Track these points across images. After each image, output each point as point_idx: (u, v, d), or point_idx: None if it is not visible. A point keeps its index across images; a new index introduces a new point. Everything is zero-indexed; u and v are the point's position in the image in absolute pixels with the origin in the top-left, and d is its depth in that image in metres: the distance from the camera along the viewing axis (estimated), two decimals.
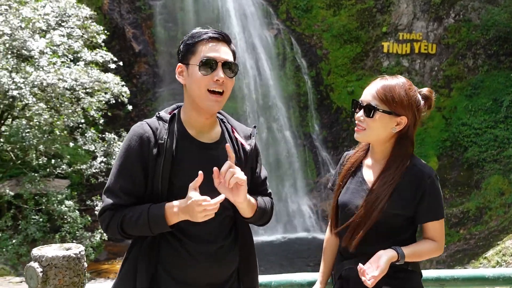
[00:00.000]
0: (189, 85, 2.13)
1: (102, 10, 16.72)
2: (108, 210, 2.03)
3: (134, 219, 1.99)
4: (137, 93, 16.93)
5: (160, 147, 2.06)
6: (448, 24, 18.03)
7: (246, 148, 2.24)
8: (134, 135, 2.09)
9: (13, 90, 8.29)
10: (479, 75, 17.57)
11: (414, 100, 2.31)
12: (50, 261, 1.82)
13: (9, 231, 9.34)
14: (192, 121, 2.16)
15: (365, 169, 2.41)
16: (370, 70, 18.22)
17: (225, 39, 2.16)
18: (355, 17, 18.44)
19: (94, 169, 9.94)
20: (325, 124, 17.99)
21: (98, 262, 12.45)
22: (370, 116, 2.28)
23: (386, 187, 2.25)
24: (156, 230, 2.01)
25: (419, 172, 2.28)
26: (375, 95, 2.28)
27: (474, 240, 13.82)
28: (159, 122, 2.13)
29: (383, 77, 2.36)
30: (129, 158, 2.06)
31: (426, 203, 2.26)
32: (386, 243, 2.23)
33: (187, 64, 2.14)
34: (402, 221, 2.27)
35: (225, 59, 2.11)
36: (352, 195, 2.36)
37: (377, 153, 2.38)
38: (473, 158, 15.94)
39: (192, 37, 2.15)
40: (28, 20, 8.98)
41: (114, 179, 2.06)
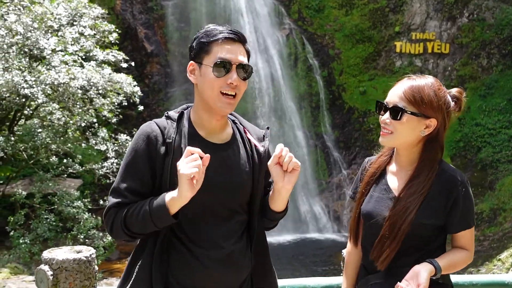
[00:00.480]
0: (201, 85, 2.06)
1: (114, 10, 16.80)
2: (112, 208, 1.97)
3: (136, 213, 1.92)
4: (149, 93, 16.98)
5: (168, 146, 2.00)
6: (461, 24, 17.87)
7: (260, 149, 2.15)
8: (142, 134, 2.03)
9: (25, 89, 8.33)
10: (493, 75, 17.39)
11: (444, 101, 2.17)
12: (61, 264, 1.80)
13: (21, 230, 9.41)
14: (202, 122, 2.09)
15: (389, 176, 2.25)
16: (383, 70, 18.11)
17: (240, 39, 2.07)
18: (367, 16, 18.33)
19: (105, 170, 9.97)
20: (337, 124, 17.90)
21: (110, 261, 12.49)
22: (397, 119, 2.12)
23: (416, 197, 2.10)
24: (158, 221, 1.91)
25: (451, 178, 2.13)
26: (403, 96, 2.14)
27: (488, 241, 13.67)
28: (168, 121, 2.07)
29: (410, 76, 2.22)
30: (137, 157, 2.00)
31: (458, 211, 2.12)
32: (415, 255, 2.11)
33: (200, 63, 2.06)
34: (431, 230, 2.13)
35: (240, 61, 2.03)
36: (377, 204, 2.21)
37: (403, 158, 2.23)
38: (487, 158, 15.77)
39: (207, 35, 2.05)
40: (40, 19, 9.04)
41: (121, 179, 2.01)
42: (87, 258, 1.89)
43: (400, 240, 2.08)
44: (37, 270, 1.85)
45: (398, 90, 2.17)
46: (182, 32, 17.86)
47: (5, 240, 11.22)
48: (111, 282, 10.45)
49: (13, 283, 8.10)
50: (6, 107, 9.25)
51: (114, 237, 2.07)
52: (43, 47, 8.70)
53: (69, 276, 1.87)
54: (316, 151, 17.26)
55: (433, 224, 2.12)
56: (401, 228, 2.08)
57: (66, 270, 1.85)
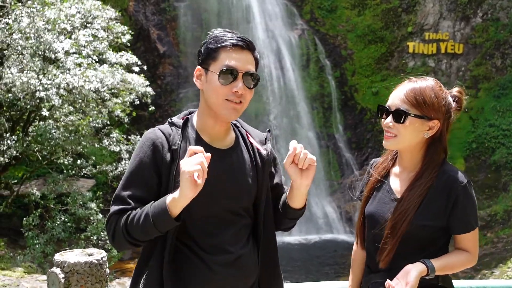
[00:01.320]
0: (207, 92, 2.04)
1: (127, 12, 16.91)
2: (113, 215, 1.93)
3: (138, 217, 1.87)
4: (162, 94, 17.07)
5: (174, 153, 1.97)
6: (475, 24, 17.72)
7: (262, 153, 2.15)
8: (147, 141, 2.00)
9: (41, 92, 8.42)
10: (507, 75, 17.22)
11: (445, 102, 2.18)
12: (72, 267, 1.83)
13: (35, 230, 9.50)
14: (207, 127, 2.07)
15: (392, 178, 2.28)
16: (395, 71, 18.02)
17: (249, 47, 2.03)
18: (380, 17, 18.26)
19: (119, 171, 10.04)
20: (349, 125, 17.85)
21: (122, 261, 12.57)
22: (401, 122, 2.13)
23: (415, 197, 2.12)
24: (160, 224, 1.85)
25: (450, 179, 2.14)
26: (405, 99, 2.15)
27: (502, 243, 13.55)
28: (172, 128, 2.05)
29: (410, 79, 2.24)
30: (142, 164, 1.97)
31: (459, 212, 2.12)
32: (418, 256, 2.10)
33: (207, 69, 2.03)
34: (433, 232, 2.14)
35: (247, 69, 2.00)
36: (379, 205, 2.24)
37: (407, 160, 2.24)
38: (501, 160, 15.63)
39: (215, 41, 2.02)
40: (53, 21, 9.12)
41: (124, 186, 1.97)
42: (99, 261, 1.91)
43: (398, 239, 2.10)
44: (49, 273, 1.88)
45: (399, 93, 2.18)
46: (194, 33, 17.93)
47: (19, 239, 11.35)
48: (123, 282, 10.51)
49: (27, 282, 8.17)
50: (21, 108, 9.36)
51: (117, 246, 2.03)
52: (56, 49, 8.78)
53: (81, 279, 1.89)
54: (328, 152, 17.23)
55: (434, 225, 2.12)
56: (400, 228, 2.10)
57: (78, 273, 1.88)
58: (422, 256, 2.10)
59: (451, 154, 16.19)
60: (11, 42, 8.87)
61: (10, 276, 8.19)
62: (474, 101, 17.25)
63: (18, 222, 11.02)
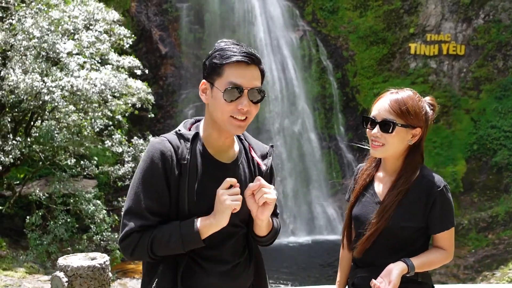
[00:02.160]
0: (212, 106, 2.04)
1: (129, 12, 16.94)
2: (134, 233, 1.95)
3: (166, 240, 1.93)
4: (163, 95, 17.10)
5: (183, 168, 1.99)
6: (477, 25, 17.71)
7: (262, 168, 2.17)
8: (156, 152, 2.00)
9: (45, 94, 8.45)
10: (509, 77, 17.21)
11: (425, 110, 2.37)
12: (76, 271, 1.85)
13: (38, 231, 9.53)
14: (212, 140, 2.09)
15: (376, 183, 2.45)
16: (397, 72, 18.03)
17: (254, 61, 2.01)
18: (381, 18, 18.26)
19: (121, 172, 10.06)
20: (351, 126, 17.86)
21: (124, 261, 12.59)
22: (389, 132, 2.29)
23: (393, 197, 2.30)
24: (188, 247, 1.95)
25: (429, 183, 2.31)
26: (390, 110, 2.31)
27: (503, 245, 13.55)
28: (181, 141, 2.04)
29: (390, 90, 2.40)
30: (153, 175, 1.98)
31: (436, 214, 2.29)
32: (399, 255, 2.29)
33: (212, 84, 2.03)
34: (413, 232, 2.31)
35: (252, 85, 1.99)
36: (364, 208, 2.41)
37: (390, 166, 2.41)
38: (503, 161, 15.62)
39: (220, 56, 1.99)
40: (57, 23, 9.15)
41: (137, 198, 1.98)
42: (101, 265, 1.93)
43: (378, 232, 2.29)
44: (52, 277, 1.91)
45: (384, 105, 2.34)
46: (196, 34, 17.96)
47: (20, 239, 11.38)
48: (124, 282, 10.54)
49: (29, 282, 8.20)
50: (24, 109, 9.38)
51: (134, 259, 2.07)
52: (59, 50, 8.81)
53: (84, 283, 1.91)
54: (329, 153, 17.25)
55: (414, 226, 2.30)
56: (380, 223, 2.29)
57: (81, 277, 1.90)
58: (403, 255, 2.28)
59: (453, 155, 16.20)
60: (15, 43, 8.90)
61: (12, 277, 8.22)
62: (476, 102, 17.25)
63: (20, 223, 11.05)
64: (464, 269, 12.97)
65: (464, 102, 17.34)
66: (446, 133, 16.85)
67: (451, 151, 16.36)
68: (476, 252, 13.68)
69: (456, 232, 12.41)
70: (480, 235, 14.30)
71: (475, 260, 13.30)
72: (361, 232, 2.37)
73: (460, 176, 15.86)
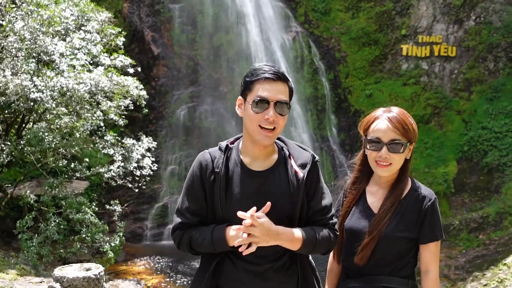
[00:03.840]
0: (245, 119, 2.34)
1: (122, 13, 16.89)
2: (178, 230, 2.39)
3: (200, 241, 2.31)
4: (156, 96, 17.06)
5: (216, 175, 2.33)
6: (468, 27, 17.83)
7: (299, 175, 2.36)
8: (197, 162, 2.41)
9: (34, 93, 8.41)
10: (500, 78, 17.34)
11: (414, 123, 2.49)
12: (71, 282, 1.88)
13: (30, 232, 9.48)
14: (247, 150, 2.38)
15: (369, 196, 2.54)
16: (389, 73, 18.10)
17: (281, 78, 2.30)
18: (374, 19, 18.33)
19: (112, 173, 10.03)
20: (343, 127, 17.92)
21: (116, 263, 12.58)
22: (399, 152, 2.39)
23: (387, 208, 2.41)
24: (219, 250, 2.29)
25: (421, 196, 2.43)
26: (396, 130, 2.39)
27: (494, 245, 13.64)
28: (218, 152, 2.40)
29: (383, 110, 2.48)
30: (193, 182, 2.38)
31: (427, 224, 2.41)
32: (390, 266, 2.41)
33: (245, 99, 2.34)
34: (406, 243, 2.42)
35: (278, 99, 2.27)
36: (358, 220, 2.49)
37: (386, 180, 2.50)
38: (493, 162, 15.74)
39: (252, 75, 2.32)
40: (48, 23, 9.11)
41: (182, 201, 2.42)
42: (96, 276, 1.97)
43: (375, 238, 2.38)
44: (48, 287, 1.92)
45: (386, 125, 2.41)
46: (189, 35, 17.93)
47: (12, 241, 11.32)
48: (117, 284, 10.52)
49: (20, 284, 8.15)
50: (15, 111, 9.33)
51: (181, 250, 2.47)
52: (51, 51, 8.77)
53: None
54: (321, 154, 17.29)
55: (407, 237, 2.41)
56: (376, 232, 2.39)
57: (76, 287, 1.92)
58: (394, 266, 2.40)
59: (444, 156, 16.30)
60: (6, 45, 8.85)
61: (3, 279, 8.17)
62: (467, 103, 17.36)
63: (12, 224, 10.99)
64: (455, 270, 13.05)
65: (455, 103, 17.45)
66: (437, 134, 16.94)
67: (442, 152, 16.46)
68: (467, 252, 13.77)
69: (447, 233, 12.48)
70: (471, 235, 14.39)
71: (466, 261, 13.39)
72: (355, 244, 2.44)
73: (451, 177, 15.96)
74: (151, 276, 12.49)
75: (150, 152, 11.10)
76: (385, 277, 2.41)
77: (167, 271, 12.97)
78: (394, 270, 2.42)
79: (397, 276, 2.41)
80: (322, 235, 2.36)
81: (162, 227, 15.57)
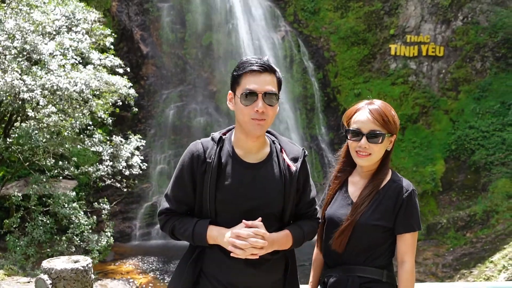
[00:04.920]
0: (236, 112, 2.36)
1: (110, 12, 16.82)
2: (164, 215, 2.41)
3: (182, 231, 2.34)
4: (145, 95, 17.01)
5: (208, 166, 2.32)
6: (456, 27, 17.98)
7: (291, 169, 2.40)
8: (188, 152, 2.41)
9: (24, 92, 8.36)
10: (487, 78, 17.51)
11: (396, 117, 2.56)
12: (59, 274, 1.89)
13: (17, 232, 9.42)
14: (240, 143, 2.39)
15: (350, 186, 2.61)
16: (378, 73, 18.20)
17: (267, 70, 2.33)
18: (362, 19, 18.42)
19: (101, 172, 9.99)
20: (332, 126, 17.99)
21: (105, 262, 12.53)
22: (378, 142, 2.46)
23: (365, 197, 2.48)
24: (197, 244, 2.33)
25: (398, 187, 2.48)
26: (375, 121, 2.47)
27: (481, 243, 13.77)
28: (211, 142, 2.40)
29: (365, 102, 2.55)
30: (182, 171, 2.38)
31: (403, 215, 2.45)
32: (365, 255, 2.47)
33: (234, 93, 2.36)
34: (381, 232, 2.46)
35: (265, 90, 2.29)
36: (338, 208, 2.56)
37: (367, 170, 2.56)
38: (480, 161, 15.88)
39: (239, 68, 2.34)
40: (38, 23, 9.06)
41: (171, 187, 2.42)
42: (84, 267, 1.97)
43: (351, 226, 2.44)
44: (36, 279, 1.93)
45: (367, 116, 2.49)
46: (178, 34, 17.90)
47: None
48: (105, 284, 10.48)
49: (8, 284, 8.10)
50: (4, 110, 9.27)
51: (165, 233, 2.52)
52: (41, 51, 8.73)
53: (67, 285, 1.95)
54: (311, 153, 17.34)
55: (382, 225, 2.45)
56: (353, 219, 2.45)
57: (64, 279, 1.93)
58: (369, 254, 2.46)
59: (431, 155, 16.42)
60: None
61: None
62: (455, 103, 17.51)
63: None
64: (443, 267, 13.15)
65: (443, 102, 17.59)
66: (425, 133, 17.07)
67: (430, 151, 16.58)
68: (454, 250, 13.89)
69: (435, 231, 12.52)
70: (458, 233, 14.51)
71: (453, 258, 13.50)
72: (334, 232, 2.50)
73: (439, 175, 16.08)
74: (140, 276, 12.45)
75: (138, 151, 11.07)
76: (360, 266, 2.46)
77: (156, 270, 12.94)
78: (369, 259, 2.46)
79: (372, 266, 2.46)
80: (308, 231, 2.45)
81: (151, 226, 15.52)
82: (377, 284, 2.46)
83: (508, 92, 16.94)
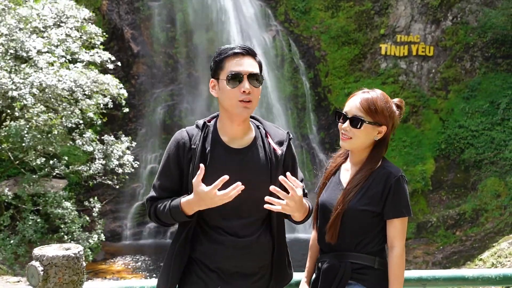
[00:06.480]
0: (221, 97, 2.36)
1: (101, 10, 16.77)
2: (148, 201, 2.42)
3: (161, 209, 2.34)
4: (136, 94, 16.97)
5: (193, 153, 2.35)
6: (445, 27, 18.11)
7: (277, 153, 2.43)
8: (174, 141, 2.42)
9: (13, 90, 8.31)
10: (476, 78, 17.66)
11: (392, 110, 2.60)
12: (51, 260, 1.90)
13: (7, 231, 9.37)
14: (225, 128, 2.40)
15: (342, 172, 2.66)
16: (368, 72, 18.29)
17: (249, 53, 2.38)
18: (353, 19, 18.50)
19: (92, 171, 9.96)
20: (323, 126, 18.05)
21: (96, 262, 12.48)
22: (357, 127, 2.52)
23: (355, 184, 2.52)
24: (178, 219, 2.33)
25: (387, 172, 2.53)
26: (360, 108, 2.53)
27: (470, 241, 13.89)
28: (196, 130, 2.42)
29: (363, 90, 2.61)
30: (169, 160, 2.39)
31: (391, 200, 2.49)
32: (355, 240, 2.51)
33: (218, 79, 2.37)
34: (370, 217, 2.50)
35: (249, 71, 2.34)
36: (329, 194, 2.61)
37: (356, 158, 2.63)
38: (470, 160, 16.02)
39: (220, 54, 2.38)
40: (25, 20, 9.01)
41: (157, 176, 2.43)
42: (76, 254, 1.99)
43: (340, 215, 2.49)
44: (28, 266, 1.94)
45: (355, 102, 2.56)
46: (168, 33, 17.88)
47: None
48: None
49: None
50: None
51: (153, 222, 2.58)
52: (28, 48, 8.68)
53: (59, 272, 1.96)
54: (302, 152, 17.39)
55: (370, 210, 2.49)
56: (342, 207, 2.49)
57: (56, 266, 1.95)
58: (360, 240, 2.50)
59: (422, 154, 16.53)
60: None
61: None
62: (444, 102, 17.63)
63: None
64: (433, 266, 13.25)
65: (433, 102, 17.71)
66: (415, 132, 17.18)
67: (420, 150, 16.69)
68: (444, 248, 14.00)
69: (425, 229, 12.60)
70: (448, 232, 14.63)
71: (443, 257, 13.61)
72: (327, 217, 2.54)
73: (429, 174, 16.20)
74: (131, 275, 12.43)
75: (129, 150, 11.05)
76: (351, 253, 2.50)
77: (147, 269, 12.92)
78: (360, 245, 2.50)
79: (364, 252, 2.50)
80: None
81: (141, 226, 15.50)
82: (369, 271, 2.49)
83: (497, 92, 17.09)
